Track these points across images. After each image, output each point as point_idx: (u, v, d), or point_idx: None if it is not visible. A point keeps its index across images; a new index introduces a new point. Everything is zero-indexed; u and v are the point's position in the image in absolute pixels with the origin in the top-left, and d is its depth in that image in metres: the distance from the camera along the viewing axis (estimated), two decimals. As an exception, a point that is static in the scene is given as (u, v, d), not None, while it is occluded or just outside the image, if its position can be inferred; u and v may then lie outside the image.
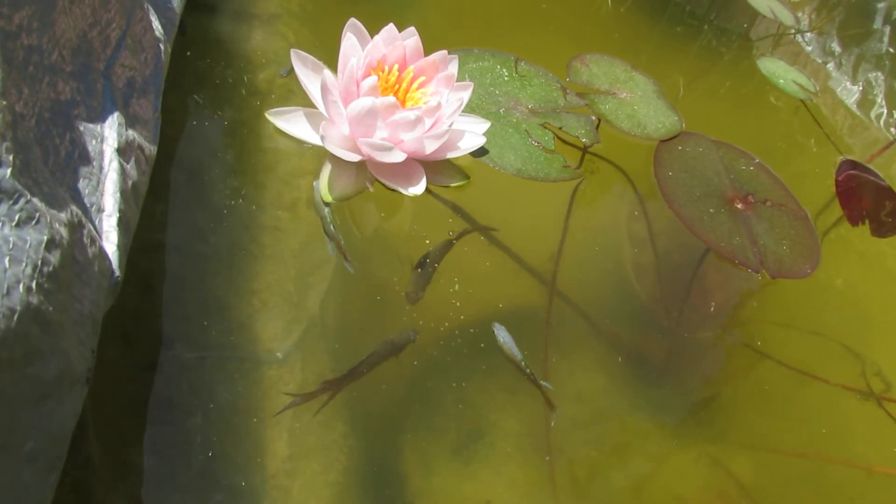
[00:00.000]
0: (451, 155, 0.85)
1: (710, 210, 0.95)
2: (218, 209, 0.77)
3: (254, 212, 0.78)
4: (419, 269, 0.77)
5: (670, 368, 0.80)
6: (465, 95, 0.84)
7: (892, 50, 1.35)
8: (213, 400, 0.65)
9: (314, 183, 0.81)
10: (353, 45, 0.81)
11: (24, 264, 0.42)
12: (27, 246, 0.43)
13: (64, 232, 0.48)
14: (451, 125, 0.82)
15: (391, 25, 0.82)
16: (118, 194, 0.59)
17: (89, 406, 0.59)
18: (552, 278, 0.83)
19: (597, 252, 0.89)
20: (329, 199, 0.81)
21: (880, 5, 1.44)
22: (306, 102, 0.85)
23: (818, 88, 1.21)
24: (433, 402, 0.71)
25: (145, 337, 0.67)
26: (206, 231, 0.75)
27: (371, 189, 0.82)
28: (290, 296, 0.73)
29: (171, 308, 0.69)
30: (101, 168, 0.59)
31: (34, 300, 0.43)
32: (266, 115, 0.83)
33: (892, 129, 1.20)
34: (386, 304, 0.75)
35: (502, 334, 0.75)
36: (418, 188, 0.81)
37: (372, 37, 0.82)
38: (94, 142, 0.59)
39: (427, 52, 0.84)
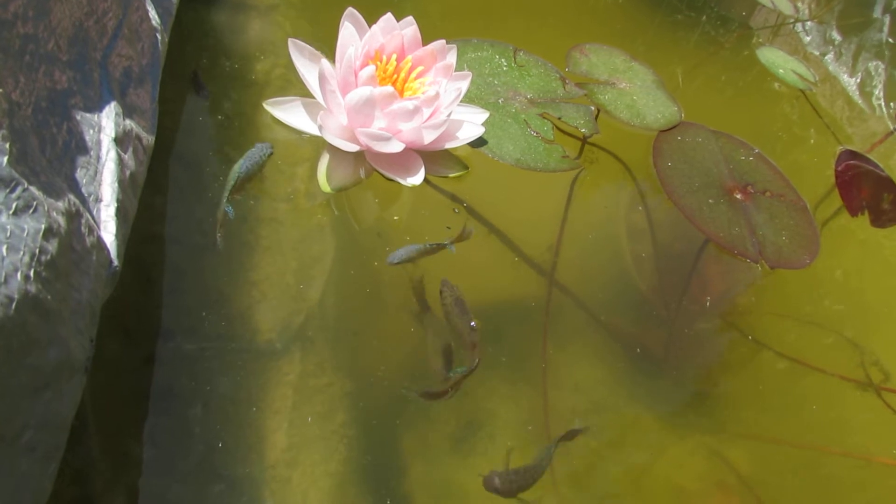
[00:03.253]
0: (449, 145, 0.84)
1: (710, 200, 0.95)
2: (216, 201, 0.77)
3: (252, 203, 0.78)
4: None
5: (669, 359, 0.80)
6: (464, 85, 0.84)
7: (891, 40, 1.35)
8: (213, 391, 0.65)
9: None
10: (351, 35, 0.81)
11: (21, 252, 0.42)
12: (25, 234, 0.43)
13: (62, 221, 0.47)
14: (449, 115, 0.81)
15: (389, 15, 0.82)
16: (116, 184, 0.59)
17: (89, 397, 0.59)
18: (551, 269, 0.83)
19: (596, 243, 0.89)
20: (328, 189, 0.80)
21: (880, -5, 1.44)
22: (304, 92, 0.85)
23: (817, 78, 1.21)
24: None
25: (145, 328, 0.67)
26: (205, 223, 0.75)
27: (362, 176, 0.82)
28: (290, 287, 0.73)
29: (171, 300, 0.69)
30: (98, 158, 0.59)
31: (32, 289, 0.43)
32: (264, 104, 0.83)
33: (892, 119, 1.19)
34: (385, 295, 0.75)
35: (398, 255, 0.76)
36: (417, 178, 0.81)
37: (370, 26, 0.82)
38: (91, 131, 0.59)
39: (425, 41, 0.83)
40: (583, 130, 0.98)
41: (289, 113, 0.83)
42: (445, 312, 0.74)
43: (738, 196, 0.97)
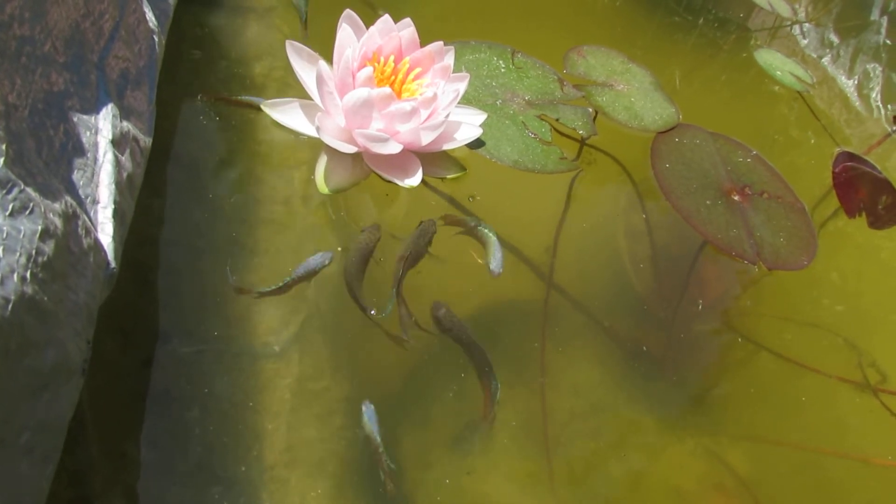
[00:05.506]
0: (447, 146, 0.84)
1: (707, 202, 0.95)
2: (214, 203, 0.77)
3: (250, 205, 0.78)
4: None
5: (667, 361, 0.80)
6: (461, 87, 0.84)
7: (888, 41, 1.35)
8: (211, 393, 0.64)
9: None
10: (349, 36, 0.81)
11: (18, 254, 0.42)
12: (21, 235, 0.43)
13: (58, 222, 0.47)
14: (447, 116, 0.81)
15: (387, 16, 0.82)
16: (113, 186, 0.59)
17: (87, 399, 0.59)
18: (549, 271, 0.83)
19: (594, 244, 0.89)
20: (325, 190, 0.80)
21: (877, -3, 1.44)
22: (302, 94, 0.85)
23: (815, 80, 1.21)
24: (431, 394, 0.71)
25: (143, 331, 0.67)
26: (203, 225, 0.75)
27: (360, 177, 0.82)
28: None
29: (169, 302, 0.69)
30: (95, 159, 0.59)
31: (29, 290, 0.43)
32: (262, 106, 0.83)
33: (889, 121, 1.20)
34: (383, 297, 0.75)
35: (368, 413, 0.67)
36: (414, 180, 0.81)
37: (367, 28, 0.82)
38: (88, 133, 0.59)
39: (423, 43, 0.83)
40: (580, 132, 0.98)
41: (287, 115, 0.83)
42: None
43: (736, 197, 0.97)
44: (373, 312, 0.73)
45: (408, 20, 0.83)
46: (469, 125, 0.86)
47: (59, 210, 0.48)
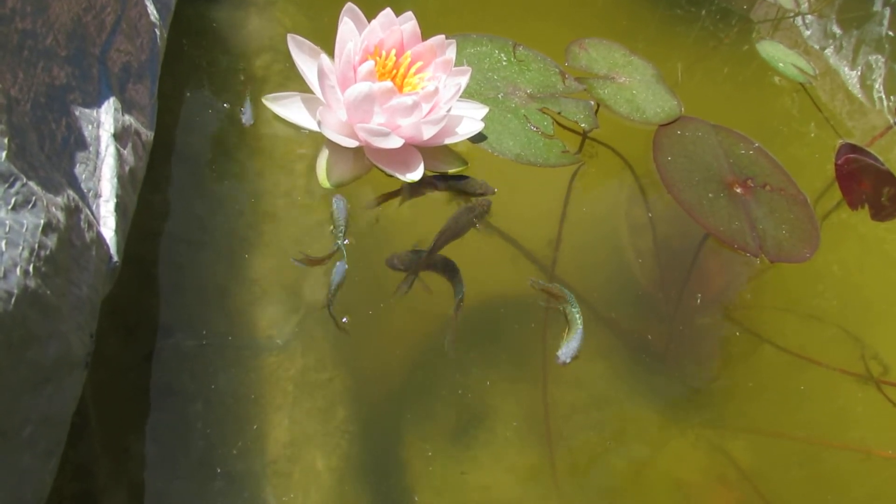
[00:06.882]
0: (448, 140, 0.84)
1: (710, 195, 0.95)
2: (216, 197, 0.76)
3: (251, 199, 0.77)
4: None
5: (669, 353, 0.80)
6: (463, 80, 0.84)
7: (891, 33, 1.34)
8: (214, 387, 0.65)
9: None
10: (351, 30, 0.81)
11: (20, 247, 0.42)
12: (24, 229, 0.43)
13: (61, 216, 0.47)
14: (448, 110, 0.81)
15: (388, 10, 0.82)
16: (115, 180, 0.59)
17: (90, 394, 0.59)
18: (551, 264, 0.83)
19: (596, 237, 0.89)
20: (327, 184, 0.80)
21: (880, -12, 1.43)
22: (303, 88, 0.85)
23: (817, 72, 1.21)
24: (434, 387, 0.71)
25: (145, 325, 0.67)
26: (205, 219, 0.75)
27: (362, 172, 0.82)
28: (290, 283, 0.73)
29: (171, 296, 0.69)
30: (97, 153, 0.59)
31: (31, 283, 0.43)
32: (263, 100, 0.83)
33: (892, 113, 1.19)
34: (385, 290, 0.75)
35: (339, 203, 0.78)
36: (416, 174, 0.81)
37: (369, 22, 0.82)
38: (90, 127, 0.59)
39: (424, 37, 0.83)
40: (582, 125, 0.97)
41: (288, 109, 0.83)
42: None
43: (738, 190, 0.96)
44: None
45: (409, 14, 0.83)
46: (471, 119, 0.86)
47: (62, 204, 0.48)
